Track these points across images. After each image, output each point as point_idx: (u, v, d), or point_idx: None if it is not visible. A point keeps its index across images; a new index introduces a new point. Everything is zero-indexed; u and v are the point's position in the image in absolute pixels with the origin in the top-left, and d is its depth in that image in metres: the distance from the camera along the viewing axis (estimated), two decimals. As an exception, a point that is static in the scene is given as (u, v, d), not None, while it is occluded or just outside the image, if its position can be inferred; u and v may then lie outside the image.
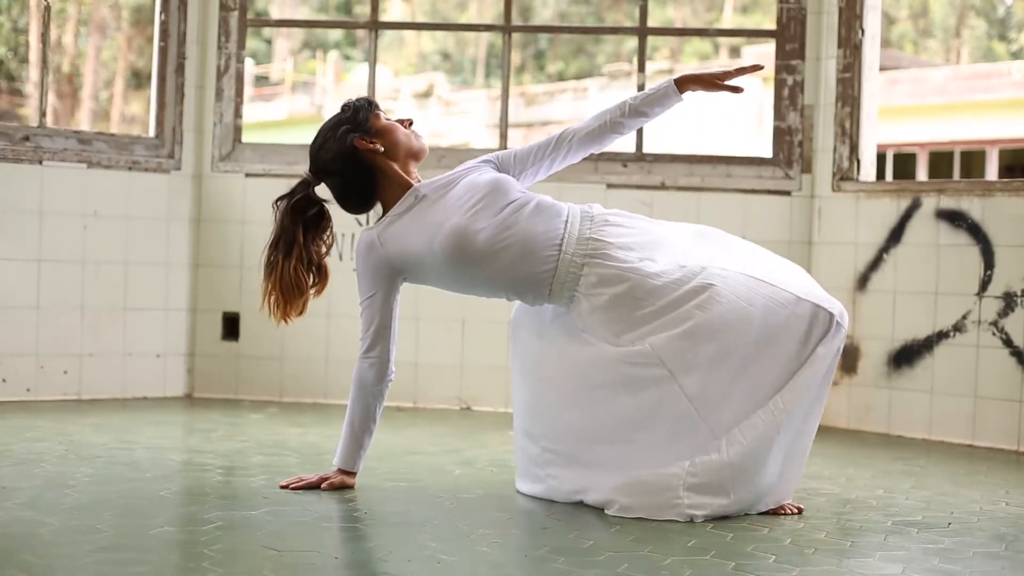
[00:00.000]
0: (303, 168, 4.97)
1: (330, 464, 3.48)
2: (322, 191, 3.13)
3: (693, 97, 3.26)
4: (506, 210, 2.95)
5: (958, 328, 4.42)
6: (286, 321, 3.07)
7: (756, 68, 3.10)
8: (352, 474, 3.11)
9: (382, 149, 3.05)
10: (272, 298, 3.06)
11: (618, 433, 2.86)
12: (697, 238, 3.06)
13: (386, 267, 3.00)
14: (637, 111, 3.15)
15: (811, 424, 2.96)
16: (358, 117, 3.07)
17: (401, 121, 3.13)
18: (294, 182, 5.04)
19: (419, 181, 3.10)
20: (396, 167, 3.07)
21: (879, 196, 4.68)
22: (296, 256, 3.06)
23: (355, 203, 3.12)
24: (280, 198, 3.14)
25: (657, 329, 2.83)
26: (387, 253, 3.00)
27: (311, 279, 3.08)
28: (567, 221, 2.97)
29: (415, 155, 3.11)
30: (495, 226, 2.92)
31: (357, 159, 3.04)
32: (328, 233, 3.13)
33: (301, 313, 3.08)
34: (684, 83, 3.10)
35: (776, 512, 2.94)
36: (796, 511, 2.97)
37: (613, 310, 2.87)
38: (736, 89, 3.10)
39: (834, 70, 4.79)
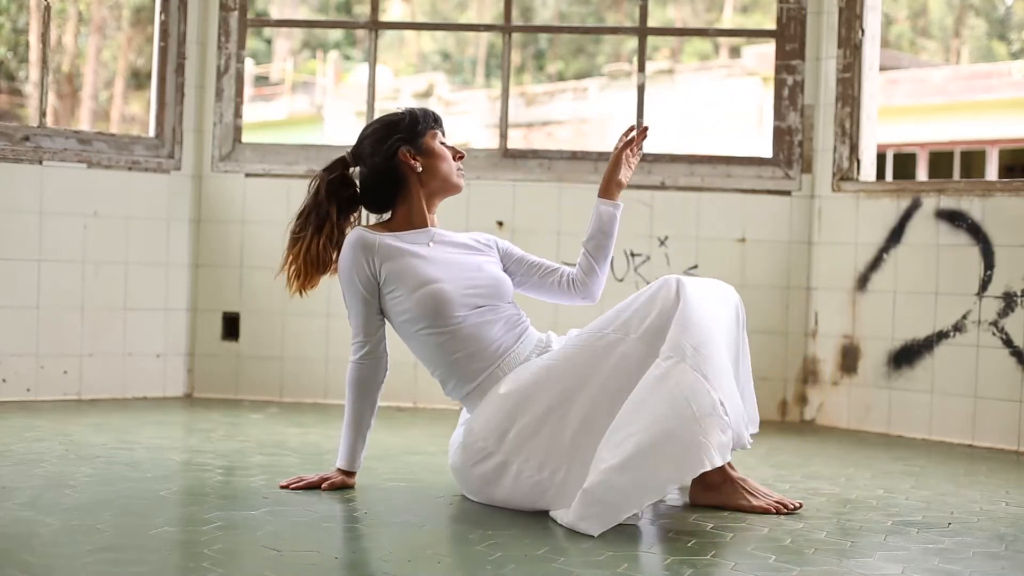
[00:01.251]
0: (303, 168, 5.01)
1: (330, 464, 3.49)
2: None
3: (692, 96, 3.27)
4: (488, 309, 3.00)
5: (958, 328, 4.42)
6: (301, 294, 3.09)
7: (644, 132, 3.13)
8: (353, 474, 3.11)
9: (420, 170, 3.06)
10: (293, 269, 3.06)
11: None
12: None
13: (375, 272, 3.01)
14: (595, 249, 3.22)
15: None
16: (416, 128, 3.06)
17: (455, 151, 3.12)
18: (294, 182, 5.09)
19: (435, 224, 3.12)
20: (422, 193, 3.08)
21: (879, 196, 4.68)
22: (327, 233, 3.07)
23: (373, 202, 3.13)
24: (320, 172, 3.12)
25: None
26: (380, 262, 3.00)
27: (335, 257, 3.08)
28: (520, 342, 3.02)
29: (448, 190, 3.12)
30: (472, 317, 2.97)
31: (393, 166, 3.05)
32: (356, 216, 3.17)
33: (314, 287, 3.10)
34: (606, 193, 3.13)
35: (778, 511, 2.94)
36: (796, 507, 2.98)
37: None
38: (641, 134, 3.13)
39: (834, 70, 4.80)
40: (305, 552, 2.41)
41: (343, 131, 21.34)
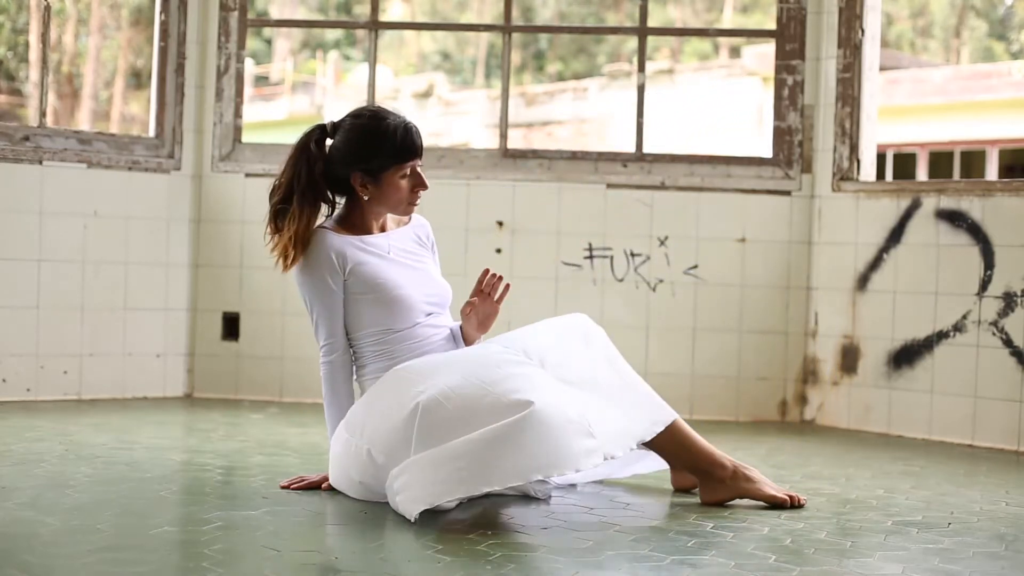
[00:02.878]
0: (303, 168, 5.00)
1: (328, 461, 3.49)
2: None
3: (692, 96, 3.28)
4: (436, 316, 3.12)
5: (958, 328, 4.42)
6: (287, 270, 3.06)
7: (497, 280, 3.11)
8: None
9: (367, 198, 3.04)
10: (282, 245, 3.02)
11: None
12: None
13: (341, 271, 3.00)
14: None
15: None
16: (388, 161, 3.00)
17: (418, 186, 3.06)
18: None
19: (385, 227, 3.14)
20: (368, 211, 3.08)
21: (879, 196, 4.68)
22: (316, 211, 3.04)
23: (322, 189, 3.06)
24: (299, 140, 3.09)
25: None
26: (349, 264, 3.01)
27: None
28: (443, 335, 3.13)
29: (394, 212, 3.12)
30: (424, 322, 3.07)
31: (346, 177, 3.04)
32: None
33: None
34: (467, 339, 3.17)
35: (792, 501, 2.98)
36: (800, 503, 3.01)
37: None
38: (505, 289, 3.13)
39: (834, 70, 4.80)
40: (305, 552, 2.41)
41: (343, 131, 21.30)
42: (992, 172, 15.92)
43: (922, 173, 16.46)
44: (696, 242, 4.87)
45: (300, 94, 24.43)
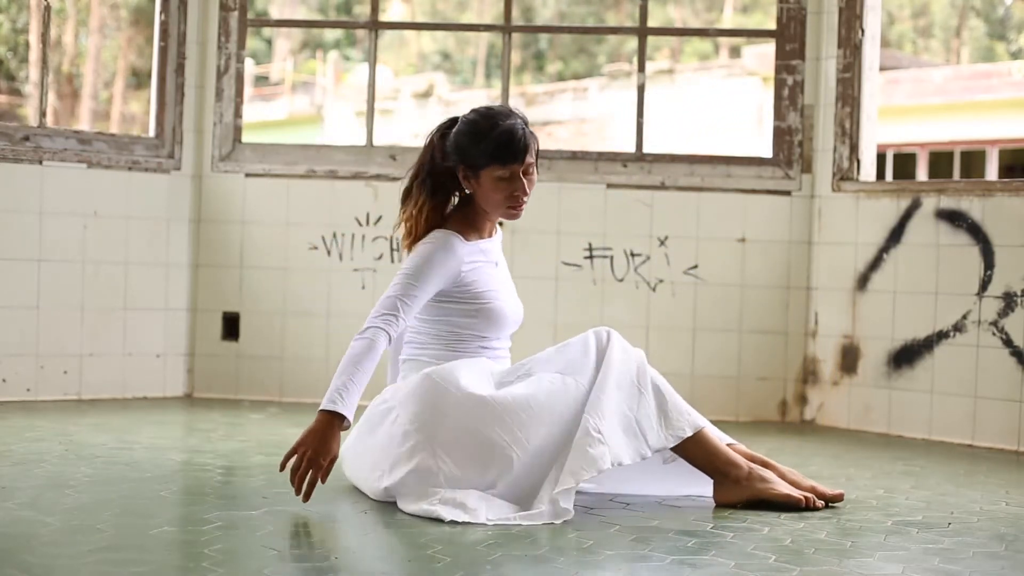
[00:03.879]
0: (303, 168, 5.01)
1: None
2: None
3: (692, 96, 3.30)
4: (506, 340, 3.22)
5: (958, 328, 4.42)
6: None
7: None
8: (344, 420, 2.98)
9: (468, 191, 3.07)
10: (400, 223, 3.06)
11: None
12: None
13: (454, 278, 3.01)
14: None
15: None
16: (472, 160, 3.01)
17: (518, 190, 3.02)
18: (294, 182, 5.09)
19: (494, 233, 3.16)
20: (480, 210, 3.08)
21: (879, 196, 4.68)
22: (439, 200, 3.07)
23: (440, 178, 3.08)
24: (433, 131, 3.14)
25: None
26: (467, 269, 3.02)
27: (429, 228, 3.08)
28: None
29: (495, 217, 3.12)
30: (500, 344, 3.18)
31: (454, 170, 3.06)
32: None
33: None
34: None
35: (808, 504, 2.99)
36: (833, 497, 3.07)
37: None
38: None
39: (834, 70, 4.80)
40: (305, 552, 2.41)
41: (343, 131, 21.34)
42: (992, 172, 15.91)
43: (922, 173, 16.46)
44: (696, 242, 4.87)
45: (300, 94, 24.44)
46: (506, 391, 2.91)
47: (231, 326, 5.02)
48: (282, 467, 2.83)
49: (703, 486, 3.10)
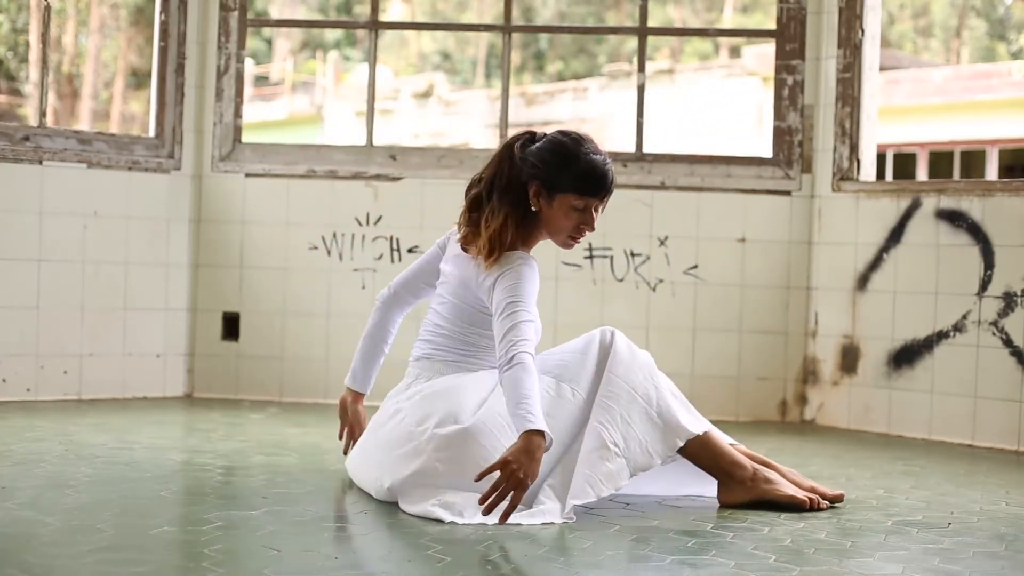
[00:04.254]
0: (303, 168, 5.01)
1: (330, 465, 3.48)
2: None
3: (692, 96, 3.29)
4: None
5: (958, 328, 4.42)
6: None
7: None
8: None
9: (535, 209, 2.99)
10: (485, 241, 2.96)
11: None
12: None
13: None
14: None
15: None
16: (552, 180, 2.96)
17: (583, 226, 3.00)
18: (294, 182, 5.09)
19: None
20: (538, 231, 3.04)
21: (879, 196, 4.68)
22: (519, 214, 3.00)
23: (519, 192, 3.02)
24: (508, 140, 3.10)
25: None
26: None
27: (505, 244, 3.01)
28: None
29: (552, 240, 3.08)
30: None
31: (525, 184, 2.99)
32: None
33: None
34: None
35: (812, 505, 3.00)
36: (834, 497, 3.08)
37: None
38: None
39: (834, 70, 4.80)
40: (305, 552, 2.41)
41: (343, 131, 21.34)
42: (992, 172, 15.92)
43: (922, 173, 16.46)
44: (696, 242, 4.87)
45: (300, 94, 24.45)
46: (500, 407, 2.89)
47: (231, 326, 5.02)
48: (480, 477, 2.71)
49: (703, 486, 3.10)
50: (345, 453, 3.27)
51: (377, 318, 3.29)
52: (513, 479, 2.65)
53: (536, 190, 2.99)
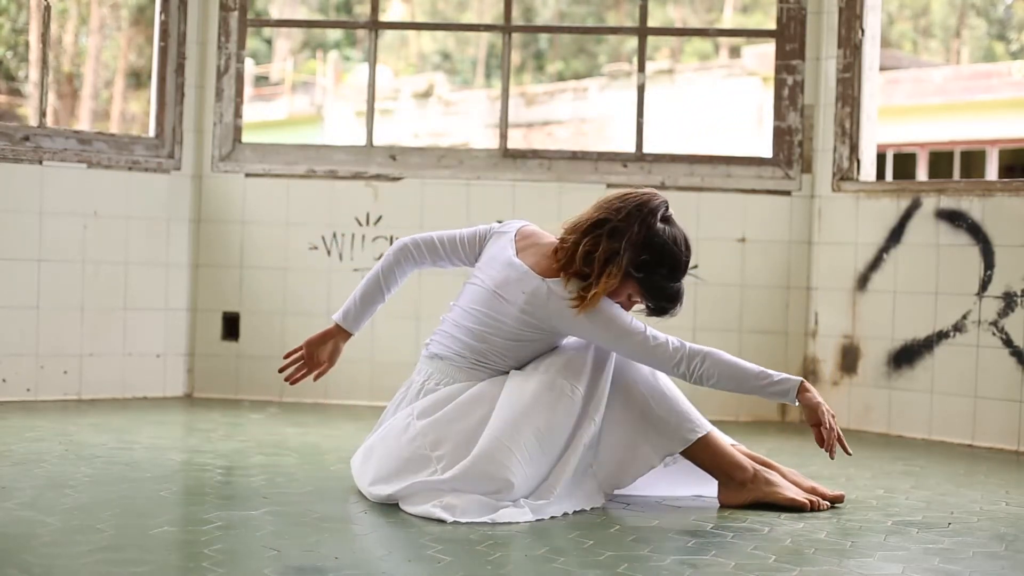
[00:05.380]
0: (303, 168, 5.01)
1: (330, 465, 3.49)
2: None
3: (692, 96, 3.28)
4: None
5: (958, 328, 4.42)
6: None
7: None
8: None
9: (604, 274, 2.95)
10: (595, 295, 2.93)
11: None
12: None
13: None
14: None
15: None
16: (642, 276, 2.96)
17: (632, 299, 3.02)
18: (294, 182, 5.09)
19: None
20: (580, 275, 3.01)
21: (879, 196, 4.68)
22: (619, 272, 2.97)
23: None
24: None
25: None
26: None
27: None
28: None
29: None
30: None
31: (612, 248, 2.97)
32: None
33: None
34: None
35: (813, 507, 3.00)
36: (835, 498, 3.10)
37: None
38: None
39: (834, 70, 4.79)
40: (305, 552, 2.41)
41: (343, 131, 21.34)
42: (992, 172, 15.91)
43: (922, 173, 16.46)
44: (696, 242, 4.82)
45: (300, 94, 24.44)
46: (495, 416, 2.90)
47: (231, 326, 5.02)
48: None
49: (703, 486, 3.10)
50: (292, 383, 3.17)
51: (390, 262, 3.15)
52: (829, 416, 3.01)
53: (621, 262, 2.94)
